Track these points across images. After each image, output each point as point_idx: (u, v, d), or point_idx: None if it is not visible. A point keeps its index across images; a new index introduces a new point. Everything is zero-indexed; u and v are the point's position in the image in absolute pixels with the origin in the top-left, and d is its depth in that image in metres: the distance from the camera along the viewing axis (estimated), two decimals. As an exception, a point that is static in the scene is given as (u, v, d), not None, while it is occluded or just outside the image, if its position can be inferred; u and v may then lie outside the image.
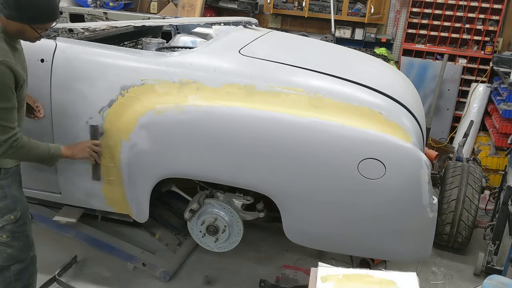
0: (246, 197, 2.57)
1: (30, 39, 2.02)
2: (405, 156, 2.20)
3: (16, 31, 1.95)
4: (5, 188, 2.08)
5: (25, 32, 1.96)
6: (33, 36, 2.00)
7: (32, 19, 1.93)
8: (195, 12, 5.59)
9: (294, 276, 2.93)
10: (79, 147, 2.29)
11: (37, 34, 1.98)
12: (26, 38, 2.02)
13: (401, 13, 5.85)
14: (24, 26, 1.93)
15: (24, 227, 2.16)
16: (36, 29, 1.95)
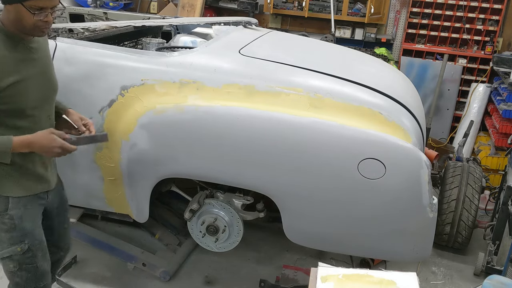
0: (246, 197, 2.57)
1: (31, 28, 1.75)
2: (405, 156, 2.20)
3: (14, 20, 1.73)
4: (14, 219, 1.90)
5: (22, 18, 1.71)
6: (31, 21, 1.72)
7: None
8: (195, 12, 5.59)
9: (294, 276, 2.93)
10: (45, 144, 1.79)
11: (31, 16, 1.70)
12: (27, 27, 1.75)
13: (401, 13, 5.84)
14: (19, 9, 1.70)
15: (33, 259, 1.98)
16: (29, 9, 1.69)
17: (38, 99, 1.87)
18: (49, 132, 1.78)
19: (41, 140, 1.76)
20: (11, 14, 1.72)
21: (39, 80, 1.87)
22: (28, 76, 1.81)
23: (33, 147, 1.76)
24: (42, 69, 1.90)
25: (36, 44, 1.88)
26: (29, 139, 1.76)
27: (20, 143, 1.75)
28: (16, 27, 1.76)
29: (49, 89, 1.95)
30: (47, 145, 1.76)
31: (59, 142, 1.77)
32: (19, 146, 1.75)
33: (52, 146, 1.77)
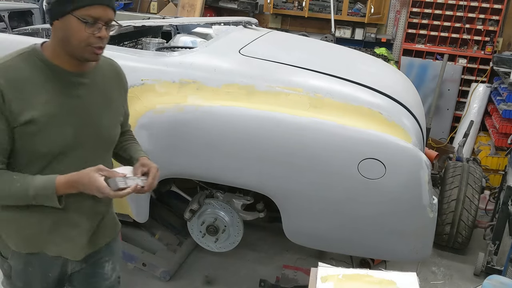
0: (246, 197, 2.57)
1: (82, 46, 1.41)
2: (405, 156, 2.20)
3: (62, 40, 1.42)
4: (12, 270, 1.61)
5: (72, 33, 1.39)
6: (82, 36, 1.39)
7: (70, 1, 1.38)
8: (195, 12, 5.59)
9: (294, 276, 2.93)
10: (85, 183, 1.45)
11: (83, 28, 1.38)
12: (77, 46, 1.41)
13: (401, 13, 5.85)
14: (68, 22, 1.39)
15: None
16: (81, 18, 1.37)
17: (66, 145, 1.49)
18: (96, 170, 1.44)
19: (83, 178, 1.43)
20: (59, 33, 1.41)
21: (75, 123, 1.49)
22: (60, 114, 1.45)
23: (78, 186, 1.44)
24: (87, 111, 1.52)
25: (89, 79, 1.52)
26: (73, 178, 1.43)
27: (65, 182, 1.43)
28: (66, 49, 1.43)
29: (90, 138, 1.54)
30: (87, 184, 1.43)
31: (98, 184, 1.41)
32: (64, 187, 1.43)
33: (91, 186, 1.43)
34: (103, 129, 1.58)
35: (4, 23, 3.97)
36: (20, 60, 1.42)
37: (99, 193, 1.42)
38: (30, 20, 4.43)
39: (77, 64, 1.47)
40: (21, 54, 1.43)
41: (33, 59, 1.43)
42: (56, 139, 1.46)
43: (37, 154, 1.46)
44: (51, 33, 1.45)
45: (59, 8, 1.39)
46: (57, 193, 1.42)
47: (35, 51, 1.45)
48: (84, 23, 1.38)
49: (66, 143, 1.48)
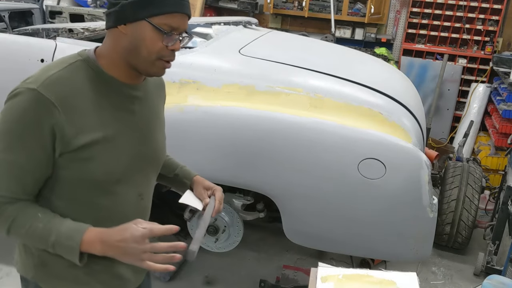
0: (246, 197, 2.57)
1: (153, 59, 1.20)
2: (405, 156, 2.20)
3: (128, 49, 1.19)
4: None
5: (144, 43, 1.17)
6: (156, 47, 1.18)
7: (148, 5, 1.15)
8: (195, 12, 5.59)
9: (294, 276, 2.93)
10: (121, 246, 1.13)
11: (160, 39, 1.17)
12: (147, 59, 1.19)
13: (401, 13, 5.84)
14: (142, 30, 1.16)
15: None
16: (159, 27, 1.16)
17: (125, 170, 1.26)
18: (134, 227, 1.14)
19: (114, 239, 1.13)
20: (124, 40, 1.18)
21: (131, 143, 1.27)
22: (117, 134, 1.23)
23: (106, 249, 1.14)
24: (141, 128, 1.31)
25: (142, 92, 1.30)
26: (101, 236, 1.14)
27: (92, 238, 1.14)
28: (129, 60, 1.20)
29: (145, 159, 1.32)
30: (124, 248, 1.13)
31: (142, 248, 1.13)
32: (90, 245, 1.14)
33: (132, 251, 1.13)
34: (157, 147, 1.38)
35: (4, 23, 3.97)
36: (73, 70, 1.18)
37: (146, 257, 1.13)
38: (30, 20, 4.43)
39: (135, 76, 1.25)
40: (74, 63, 1.20)
41: (87, 70, 1.20)
42: (116, 163, 1.23)
43: (88, 184, 1.20)
44: (109, 38, 1.21)
45: (133, 11, 1.15)
46: (81, 248, 1.13)
47: (89, 60, 1.21)
48: (162, 32, 1.16)
49: (125, 167, 1.26)
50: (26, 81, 1.15)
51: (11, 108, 1.12)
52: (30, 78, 1.15)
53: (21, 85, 1.14)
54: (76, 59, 1.21)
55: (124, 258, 1.14)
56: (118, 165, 1.24)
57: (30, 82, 1.13)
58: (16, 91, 1.13)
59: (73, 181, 1.19)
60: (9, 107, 1.13)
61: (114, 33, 1.19)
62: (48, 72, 1.15)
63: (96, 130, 1.18)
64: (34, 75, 1.16)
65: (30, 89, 1.11)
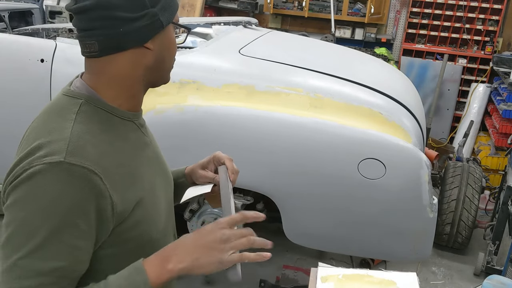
0: (246, 197, 2.57)
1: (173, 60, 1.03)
2: (405, 156, 2.20)
3: (156, 64, 0.97)
4: None
5: (170, 47, 0.99)
6: (175, 48, 1.02)
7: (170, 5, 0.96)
8: (195, 12, 5.59)
9: (294, 276, 2.93)
10: (212, 240, 0.90)
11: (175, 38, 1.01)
12: (171, 64, 1.02)
13: (401, 13, 5.84)
14: (167, 34, 0.97)
15: None
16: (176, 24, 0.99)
17: (165, 209, 1.08)
18: (216, 227, 0.92)
19: (192, 243, 0.90)
20: (149, 58, 0.95)
21: (159, 179, 1.08)
22: (147, 175, 1.01)
23: (181, 259, 0.89)
24: (157, 159, 1.12)
25: (142, 118, 1.08)
26: (166, 254, 0.90)
27: (156, 262, 0.89)
28: (149, 80, 0.99)
29: (169, 189, 1.16)
30: (208, 243, 0.90)
31: (239, 233, 0.96)
32: (158, 269, 0.88)
33: (221, 239, 0.91)
34: (169, 176, 1.18)
35: (4, 23, 3.97)
36: (86, 120, 0.90)
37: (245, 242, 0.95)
38: (30, 20, 4.44)
39: (139, 102, 1.02)
40: (80, 110, 0.92)
41: (97, 112, 0.93)
42: (159, 208, 1.04)
43: (134, 246, 0.96)
44: (118, 64, 0.94)
45: (163, 16, 0.93)
46: (151, 280, 0.86)
47: (93, 98, 0.94)
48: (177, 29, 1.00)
49: (164, 207, 1.07)
50: (34, 154, 0.84)
51: (35, 195, 0.82)
52: (36, 148, 0.85)
53: (34, 162, 0.83)
54: (77, 103, 0.92)
55: (208, 258, 0.88)
56: (161, 208, 1.04)
57: (46, 154, 0.83)
58: (31, 171, 0.83)
59: (119, 252, 0.94)
60: (29, 195, 0.83)
61: (128, 56, 0.93)
62: (62, 133, 0.86)
63: (139, 184, 0.95)
64: (40, 144, 0.85)
65: (54, 163, 0.82)
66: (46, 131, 0.88)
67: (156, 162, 1.09)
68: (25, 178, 0.83)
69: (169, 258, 0.88)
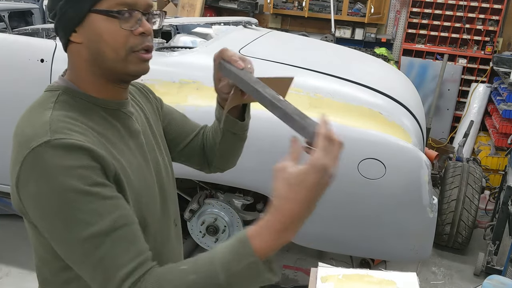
0: (246, 197, 2.58)
1: (124, 54, 0.92)
2: (405, 156, 2.20)
3: (92, 56, 0.93)
4: None
5: (102, 40, 0.90)
6: (119, 40, 0.90)
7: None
8: (195, 12, 5.59)
9: (294, 276, 2.93)
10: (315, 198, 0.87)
11: (117, 27, 0.90)
12: (116, 57, 0.91)
13: (401, 13, 5.84)
14: (94, 27, 0.90)
15: None
16: (110, 14, 0.89)
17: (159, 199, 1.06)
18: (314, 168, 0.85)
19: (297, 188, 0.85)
20: (84, 52, 0.93)
21: (155, 167, 1.06)
22: (141, 163, 1.01)
23: (293, 210, 0.87)
24: (150, 148, 1.08)
25: (135, 106, 1.08)
26: (271, 216, 0.84)
27: (262, 226, 0.84)
28: (100, 71, 0.94)
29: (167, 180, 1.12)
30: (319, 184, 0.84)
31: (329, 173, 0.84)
32: (265, 235, 0.84)
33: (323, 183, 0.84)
34: (170, 161, 1.18)
35: (4, 23, 3.97)
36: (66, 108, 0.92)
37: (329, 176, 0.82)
38: (30, 20, 4.43)
39: (118, 90, 0.99)
40: (60, 102, 0.93)
41: (76, 102, 0.94)
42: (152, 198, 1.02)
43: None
44: (69, 59, 0.97)
45: (74, 9, 0.89)
46: (257, 253, 0.80)
47: (70, 89, 0.95)
48: (116, 17, 0.89)
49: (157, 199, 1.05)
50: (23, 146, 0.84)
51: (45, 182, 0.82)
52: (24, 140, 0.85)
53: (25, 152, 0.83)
54: (56, 95, 0.93)
55: (320, 192, 0.84)
56: (154, 195, 1.03)
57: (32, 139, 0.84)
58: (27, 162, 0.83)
59: None
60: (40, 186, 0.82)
61: (71, 51, 0.95)
62: (42, 119, 0.87)
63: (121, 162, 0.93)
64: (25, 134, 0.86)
65: (43, 143, 0.82)
66: (28, 123, 0.88)
67: (151, 149, 1.07)
68: (26, 171, 0.83)
69: (282, 226, 0.84)
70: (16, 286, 2.80)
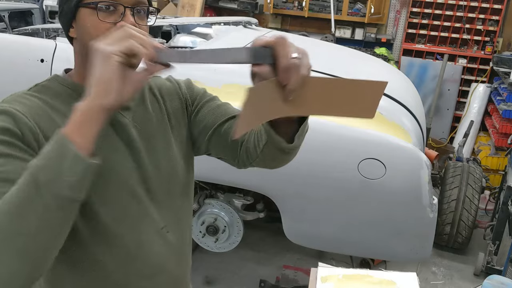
0: (246, 197, 2.58)
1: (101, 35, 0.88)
2: (405, 156, 2.20)
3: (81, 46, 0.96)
4: None
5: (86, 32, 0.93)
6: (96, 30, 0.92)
7: None
8: (195, 12, 5.59)
9: (294, 276, 2.92)
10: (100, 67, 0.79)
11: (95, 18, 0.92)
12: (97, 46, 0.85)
13: (401, 13, 5.84)
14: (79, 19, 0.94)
15: None
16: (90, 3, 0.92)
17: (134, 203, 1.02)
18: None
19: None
20: (77, 45, 0.99)
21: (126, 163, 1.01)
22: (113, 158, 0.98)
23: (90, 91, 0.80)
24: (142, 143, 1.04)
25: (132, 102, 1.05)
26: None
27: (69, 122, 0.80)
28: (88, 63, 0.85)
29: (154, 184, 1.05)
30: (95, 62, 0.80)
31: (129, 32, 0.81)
32: (73, 124, 0.79)
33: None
34: (171, 163, 1.10)
35: (4, 23, 3.97)
36: (42, 91, 0.98)
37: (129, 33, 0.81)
38: (30, 20, 4.44)
39: None
40: (40, 86, 1.00)
41: (58, 88, 0.99)
42: (117, 199, 1.00)
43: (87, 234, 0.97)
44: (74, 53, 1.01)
45: (67, 4, 0.94)
46: (65, 133, 0.78)
47: (60, 77, 1.02)
48: (98, 9, 0.91)
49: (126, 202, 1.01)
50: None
51: None
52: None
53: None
54: (42, 82, 1.01)
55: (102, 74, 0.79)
56: (121, 198, 0.99)
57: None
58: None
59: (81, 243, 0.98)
60: None
61: (72, 46, 1.00)
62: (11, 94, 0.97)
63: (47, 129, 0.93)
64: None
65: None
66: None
67: (139, 147, 1.03)
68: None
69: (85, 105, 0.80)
70: (16, 286, 2.80)
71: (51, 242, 0.80)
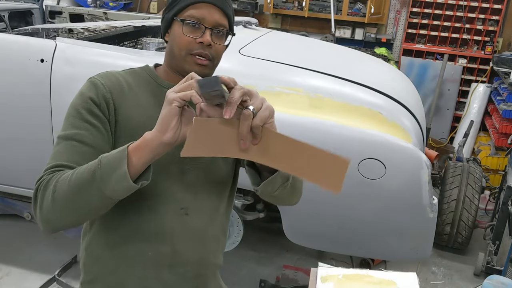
0: (246, 197, 2.57)
1: (183, 55, 1.19)
2: (405, 156, 2.20)
3: (169, 51, 1.23)
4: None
5: (175, 42, 1.20)
6: (182, 42, 1.18)
7: (172, 5, 1.22)
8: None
9: (294, 276, 2.93)
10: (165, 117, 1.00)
11: (181, 32, 1.18)
12: (178, 56, 1.20)
13: (401, 13, 5.85)
14: (173, 29, 1.22)
15: None
16: (180, 19, 1.18)
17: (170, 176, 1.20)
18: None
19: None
20: (168, 47, 1.25)
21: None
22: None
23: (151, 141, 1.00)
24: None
25: None
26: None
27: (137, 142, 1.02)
28: (172, 65, 1.24)
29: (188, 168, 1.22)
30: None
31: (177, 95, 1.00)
32: (137, 147, 1.01)
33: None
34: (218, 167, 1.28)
35: (4, 23, 3.97)
36: (130, 74, 1.26)
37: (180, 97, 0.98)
38: (30, 20, 4.44)
39: (179, 80, 1.08)
40: (131, 70, 1.29)
41: (142, 74, 1.27)
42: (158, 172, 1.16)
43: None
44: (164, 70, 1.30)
45: (167, 16, 1.23)
46: (129, 150, 1.00)
47: (147, 68, 1.30)
48: (186, 25, 1.17)
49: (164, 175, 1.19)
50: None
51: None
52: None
53: None
54: (135, 68, 1.31)
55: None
56: (162, 171, 1.16)
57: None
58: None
59: None
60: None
61: (166, 47, 1.27)
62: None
63: (140, 122, 1.17)
64: None
65: (89, 78, 1.22)
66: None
67: None
68: None
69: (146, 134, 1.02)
70: (16, 286, 2.80)
71: (92, 214, 1.10)
